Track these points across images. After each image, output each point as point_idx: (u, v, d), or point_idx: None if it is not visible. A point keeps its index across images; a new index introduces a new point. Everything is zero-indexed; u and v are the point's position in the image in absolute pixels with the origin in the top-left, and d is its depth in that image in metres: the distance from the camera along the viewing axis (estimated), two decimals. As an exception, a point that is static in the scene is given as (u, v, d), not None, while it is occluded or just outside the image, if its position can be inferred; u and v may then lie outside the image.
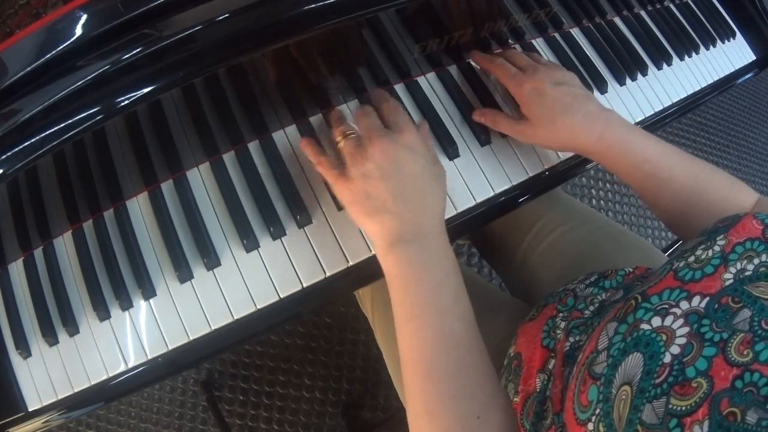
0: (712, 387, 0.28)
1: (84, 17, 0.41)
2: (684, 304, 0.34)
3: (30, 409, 0.50)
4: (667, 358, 0.32)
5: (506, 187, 0.58)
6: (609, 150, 0.52)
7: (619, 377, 0.33)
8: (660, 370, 0.31)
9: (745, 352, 0.29)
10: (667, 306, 0.35)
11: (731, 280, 0.34)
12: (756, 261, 0.35)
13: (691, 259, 0.37)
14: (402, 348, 0.44)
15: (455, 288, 0.45)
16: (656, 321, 0.34)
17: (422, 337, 0.43)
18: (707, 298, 0.34)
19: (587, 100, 0.54)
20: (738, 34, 0.84)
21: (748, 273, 0.34)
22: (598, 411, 0.34)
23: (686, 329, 0.33)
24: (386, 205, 0.45)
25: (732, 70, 0.80)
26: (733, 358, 0.29)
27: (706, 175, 0.52)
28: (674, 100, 0.71)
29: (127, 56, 0.41)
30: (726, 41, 0.82)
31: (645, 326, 0.34)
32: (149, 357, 0.49)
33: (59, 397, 0.50)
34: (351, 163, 0.46)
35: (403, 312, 0.44)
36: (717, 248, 0.37)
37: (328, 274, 0.51)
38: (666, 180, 0.51)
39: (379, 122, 0.49)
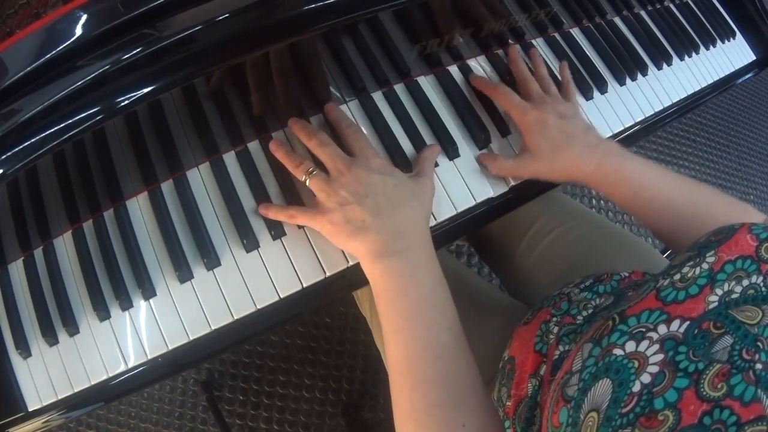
0: (678, 421, 0.27)
1: (84, 17, 0.41)
2: (662, 328, 0.33)
3: (30, 409, 0.50)
4: (636, 387, 0.31)
5: (505, 189, 0.58)
6: (606, 177, 0.53)
7: (588, 402, 0.33)
8: (628, 399, 0.30)
9: (719, 386, 0.28)
10: (644, 329, 0.34)
11: (716, 303, 0.33)
12: (745, 282, 0.33)
13: (677, 277, 0.36)
14: (390, 359, 0.45)
15: (441, 299, 0.46)
16: (630, 346, 0.33)
17: (409, 347, 0.43)
18: (687, 323, 0.33)
19: (587, 131, 0.55)
20: (738, 34, 0.84)
21: (735, 296, 0.33)
22: None
23: (660, 356, 0.32)
24: (366, 224, 0.46)
25: (732, 70, 0.80)
26: (704, 393, 0.28)
27: (706, 199, 0.52)
28: (674, 100, 0.71)
29: (127, 56, 0.41)
30: (726, 41, 0.82)
31: (617, 351, 0.33)
32: (149, 357, 0.49)
33: (59, 397, 0.50)
34: (325, 197, 0.48)
35: (390, 324, 0.45)
36: (705, 266, 0.35)
37: (328, 274, 0.51)
38: (666, 206, 0.52)
39: (341, 151, 0.49)
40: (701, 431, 0.26)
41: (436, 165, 0.56)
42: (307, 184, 0.49)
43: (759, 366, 0.28)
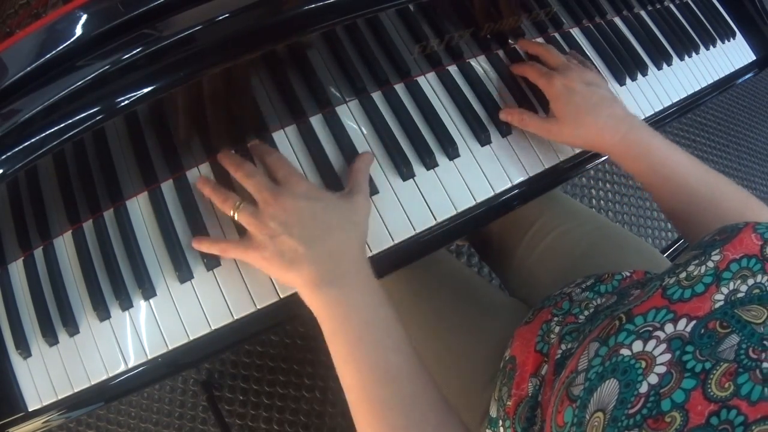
0: (686, 422, 0.27)
1: (84, 17, 0.41)
2: (669, 327, 0.33)
3: (30, 409, 0.50)
4: (644, 388, 0.31)
5: (506, 186, 0.58)
6: (629, 150, 0.54)
7: (594, 402, 0.33)
8: (635, 400, 0.30)
9: (726, 385, 0.28)
10: (650, 329, 0.34)
11: (722, 302, 0.33)
12: (750, 282, 0.33)
13: (683, 275, 0.36)
14: (345, 388, 0.44)
15: (385, 321, 0.45)
16: (637, 346, 0.33)
17: (361, 374, 0.43)
18: (694, 322, 0.33)
19: (614, 102, 0.56)
20: (738, 34, 0.84)
21: (740, 295, 0.33)
22: None
23: (668, 356, 0.31)
24: (298, 254, 0.45)
25: (732, 70, 0.80)
26: (712, 393, 0.28)
27: (722, 186, 0.52)
28: (674, 100, 0.71)
29: (127, 56, 0.41)
30: (726, 41, 0.82)
31: (625, 351, 0.33)
32: (149, 357, 0.49)
33: (59, 397, 0.50)
34: (255, 230, 0.46)
35: (338, 353, 0.44)
36: (711, 264, 0.36)
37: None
38: (682, 186, 0.52)
39: (267, 179, 0.48)
40: (708, 431, 0.26)
41: (437, 165, 0.56)
42: (236, 218, 0.48)
43: (766, 365, 0.28)
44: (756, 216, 0.50)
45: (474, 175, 0.57)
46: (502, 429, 0.52)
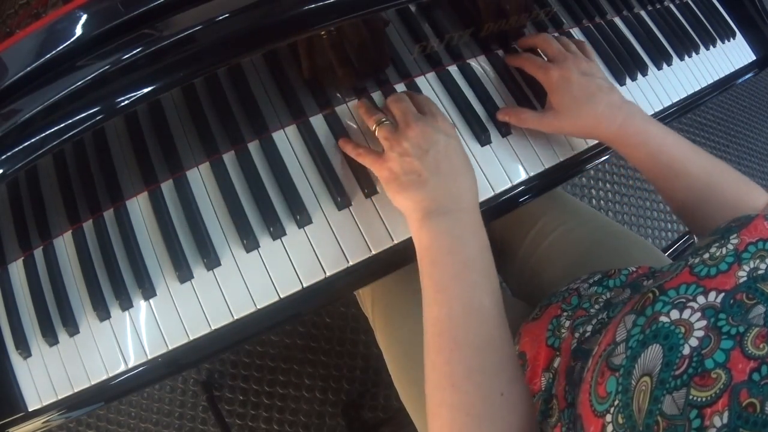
0: (731, 379, 0.29)
1: (84, 17, 0.41)
2: (701, 299, 0.35)
3: (30, 409, 0.50)
4: (686, 350, 0.32)
5: (506, 186, 0.58)
6: (628, 139, 0.54)
7: (639, 368, 0.34)
8: (680, 361, 0.32)
9: (761, 346, 0.29)
10: (684, 300, 0.35)
11: (745, 278, 0.34)
12: None
13: (706, 256, 0.38)
14: (428, 320, 0.44)
15: (486, 264, 0.46)
16: (674, 314, 0.35)
17: (452, 308, 0.43)
18: (723, 294, 0.34)
19: (611, 91, 0.56)
20: (738, 34, 0.84)
21: (761, 272, 0.34)
22: (617, 402, 0.34)
23: (704, 322, 0.33)
24: (421, 179, 0.47)
25: (732, 70, 0.80)
26: (749, 351, 0.29)
27: (720, 171, 0.53)
28: (674, 100, 0.71)
29: (127, 56, 0.41)
30: (726, 41, 0.82)
31: (664, 318, 0.35)
32: (149, 357, 0.49)
33: (59, 397, 0.50)
34: (388, 146, 0.49)
35: (432, 284, 0.45)
36: (731, 246, 0.37)
37: (328, 274, 0.51)
38: (681, 171, 0.53)
39: (414, 108, 0.51)
40: (752, 386, 0.28)
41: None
42: (376, 133, 0.51)
43: None
44: (749, 196, 0.52)
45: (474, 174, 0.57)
46: None
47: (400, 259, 0.54)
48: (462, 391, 0.41)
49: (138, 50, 0.41)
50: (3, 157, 0.41)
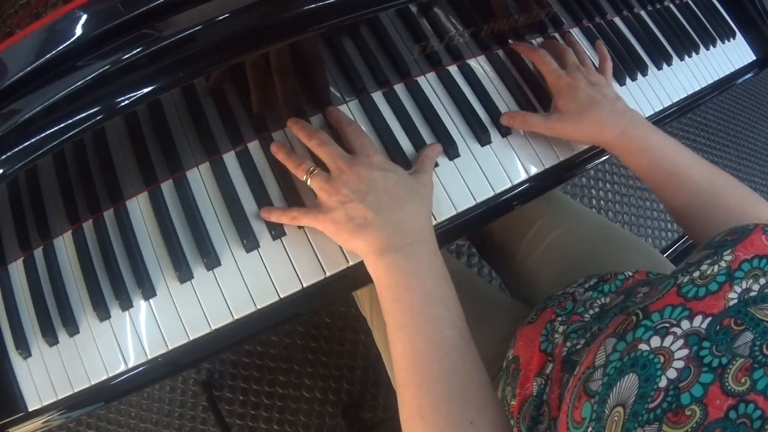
0: (705, 416, 0.28)
1: (84, 17, 0.41)
2: (685, 324, 0.34)
3: (30, 409, 0.50)
4: (663, 382, 0.31)
5: (506, 186, 0.58)
6: (630, 144, 0.55)
7: (613, 397, 0.33)
8: (655, 394, 0.31)
9: (742, 380, 0.28)
10: (667, 325, 0.34)
11: (735, 301, 0.33)
12: (762, 281, 0.34)
13: (696, 274, 0.37)
14: (395, 356, 0.44)
15: (446, 295, 0.45)
16: (655, 341, 0.34)
17: (414, 344, 0.43)
18: (709, 319, 0.33)
19: (616, 99, 0.58)
20: (738, 34, 0.84)
21: (753, 293, 0.33)
22: (590, 429, 0.34)
23: (685, 351, 0.32)
24: (367, 222, 0.46)
25: (732, 70, 0.80)
26: (729, 387, 0.29)
27: (723, 182, 0.53)
28: (674, 100, 0.71)
29: (127, 56, 0.41)
30: (726, 41, 0.82)
31: (643, 347, 0.34)
32: (149, 357, 0.49)
33: (59, 397, 0.50)
34: (326, 196, 0.48)
35: (395, 321, 0.44)
36: (723, 264, 0.36)
37: (327, 274, 0.51)
38: (683, 181, 0.53)
39: (341, 149, 0.50)
40: (727, 425, 0.27)
41: (436, 165, 0.56)
42: (309, 183, 0.50)
43: None
44: (756, 210, 0.51)
45: (474, 175, 0.57)
46: None
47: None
48: (431, 424, 0.41)
49: (138, 50, 0.41)
50: (3, 157, 0.41)
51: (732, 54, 0.81)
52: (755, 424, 0.26)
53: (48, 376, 0.50)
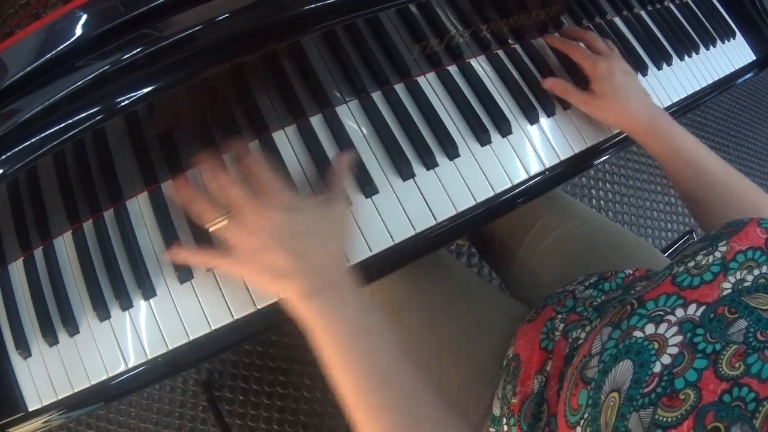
0: (699, 399, 0.28)
1: (84, 17, 0.41)
2: (679, 312, 0.34)
3: (30, 409, 0.50)
4: (657, 368, 0.31)
5: (506, 186, 0.58)
6: (655, 132, 0.59)
7: (609, 383, 0.33)
8: (649, 379, 0.31)
9: (736, 365, 0.29)
10: (662, 312, 0.35)
11: (729, 290, 0.34)
12: (756, 272, 0.34)
13: (691, 264, 0.37)
14: (341, 395, 0.44)
15: (372, 326, 0.45)
16: (650, 328, 0.34)
17: (354, 379, 0.43)
18: (703, 307, 0.34)
19: (645, 93, 0.63)
20: (738, 34, 0.84)
21: (746, 284, 0.34)
22: (586, 415, 0.34)
23: (679, 338, 0.32)
24: (286, 269, 0.44)
25: (732, 70, 0.80)
26: (723, 372, 0.29)
27: (738, 177, 0.56)
28: (674, 100, 0.71)
29: (127, 56, 0.41)
30: (726, 41, 0.82)
31: (638, 333, 0.34)
32: (149, 357, 0.49)
33: (59, 397, 0.50)
34: (237, 246, 0.46)
35: (330, 360, 0.44)
36: (718, 254, 0.37)
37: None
38: (702, 171, 0.56)
39: (244, 191, 0.46)
40: (721, 408, 0.27)
41: (437, 165, 0.56)
42: (212, 232, 0.47)
43: None
44: (766, 209, 0.53)
45: (474, 175, 0.57)
46: (506, 427, 0.52)
47: (399, 259, 0.54)
48: None
49: (138, 50, 0.41)
50: (3, 157, 0.41)
51: (732, 54, 0.81)
52: (749, 406, 0.27)
53: (48, 376, 0.50)
